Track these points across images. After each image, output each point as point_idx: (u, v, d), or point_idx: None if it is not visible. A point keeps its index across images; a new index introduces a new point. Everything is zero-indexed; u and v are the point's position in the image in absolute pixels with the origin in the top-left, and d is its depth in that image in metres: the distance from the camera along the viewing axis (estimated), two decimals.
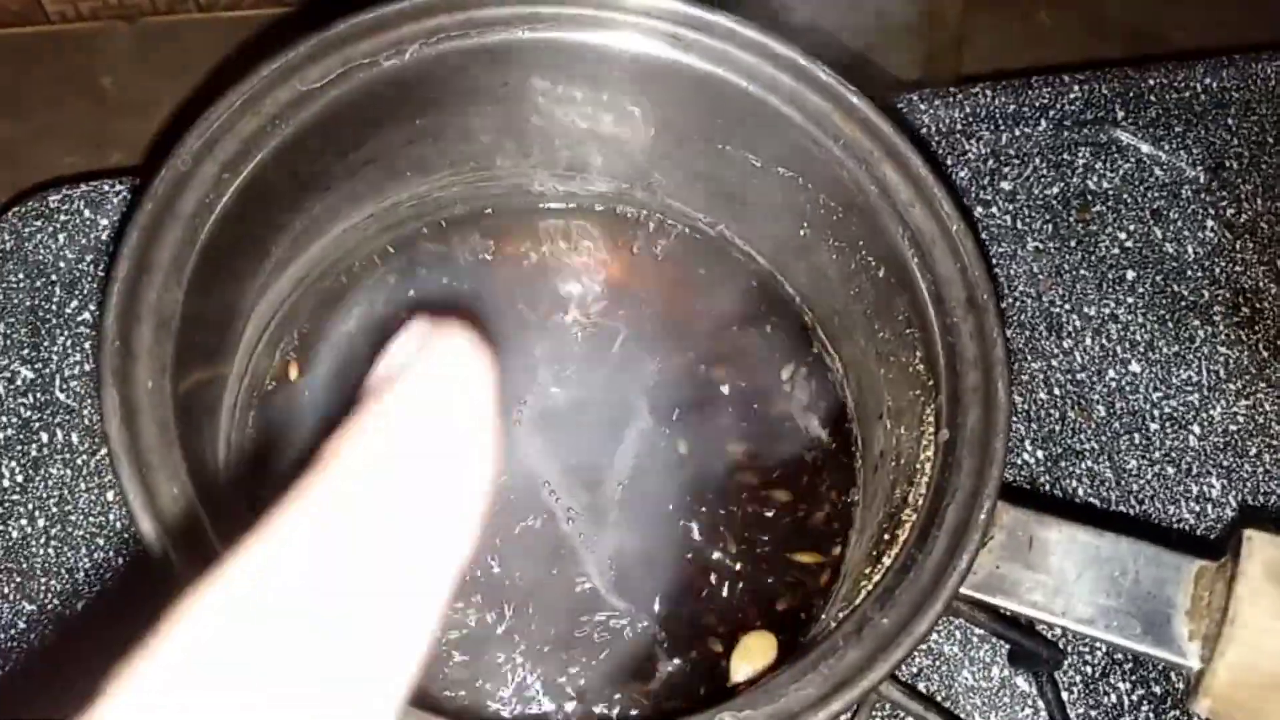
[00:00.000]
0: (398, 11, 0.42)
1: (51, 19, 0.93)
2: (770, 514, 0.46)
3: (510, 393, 0.47)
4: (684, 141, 0.48)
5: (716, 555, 0.46)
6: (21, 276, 0.57)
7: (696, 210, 0.51)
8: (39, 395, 0.54)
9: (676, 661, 0.44)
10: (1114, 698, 0.51)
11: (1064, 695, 0.50)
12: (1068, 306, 0.60)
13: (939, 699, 0.50)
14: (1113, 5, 1.01)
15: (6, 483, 0.52)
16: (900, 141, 0.42)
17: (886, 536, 0.39)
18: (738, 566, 0.46)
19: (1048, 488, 0.55)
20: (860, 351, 0.46)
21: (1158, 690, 0.51)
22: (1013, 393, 0.38)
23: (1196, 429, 0.58)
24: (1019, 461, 0.56)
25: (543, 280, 0.51)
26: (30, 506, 0.51)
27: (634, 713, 0.42)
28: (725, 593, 0.45)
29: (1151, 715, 0.51)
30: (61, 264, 0.57)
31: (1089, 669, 0.51)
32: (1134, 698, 0.51)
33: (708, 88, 0.44)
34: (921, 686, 0.50)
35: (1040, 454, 0.56)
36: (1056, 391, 0.58)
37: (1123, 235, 0.63)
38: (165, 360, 0.35)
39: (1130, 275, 0.62)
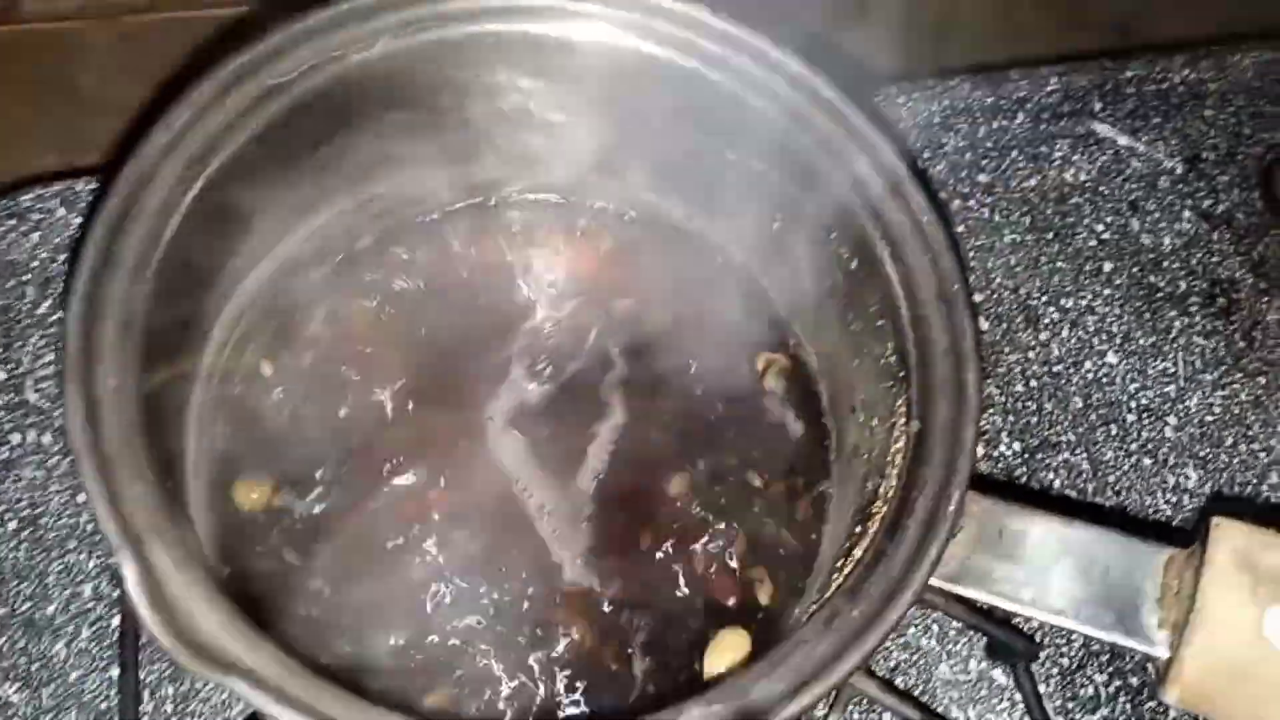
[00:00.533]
0: (367, 5, 0.41)
1: (28, 18, 0.93)
2: (745, 509, 0.46)
3: (483, 390, 0.47)
4: (656, 135, 0.47)
5: (691, 550, 0.45)
6: None
7: (670, 204, 0.51)
8: (10, 396, 0.53)
9: (650, 657, 0.43)
10: (1090, 689, 0.51)
11: (1041, 687, 0.50)
12: (1045, 299, 0.60)
13: (917, 693, 0.50)
14: None
15: None
16: (872, 133, 0.42)
17: (858, 529, 0.39)
18: (712, 562, 0.45)
19: (1025, 480, 0.55)
20: (833, 344, 0.46)
21: (1134, 681, 0.51)
22: (984, 384, 0.38)
23: (1173, 420, 0.58)
24: (996, 454, 0.56)
25: (513, 275, 0.50)
26: (0, 509, 0.51)
27: (606, 709, 0.42)
28: (699, 588, 0.45)
29: (1128, 707, 0.51)
30: (34, 264, 0.57)
31: (1065, 661, 0.51)
32: (1110, 689, 0.51)
33: (679, 80, 0.44)
34: (899, 681, 0.50)
35: (1017, 446, 0.56)
36: (1033, 384, 0.58)
37: (1100, 227, 0.63)
38: (130, 358, 0.35)
39: (1107, 267, 0.62)
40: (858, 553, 0.37)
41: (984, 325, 0.59)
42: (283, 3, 0.43)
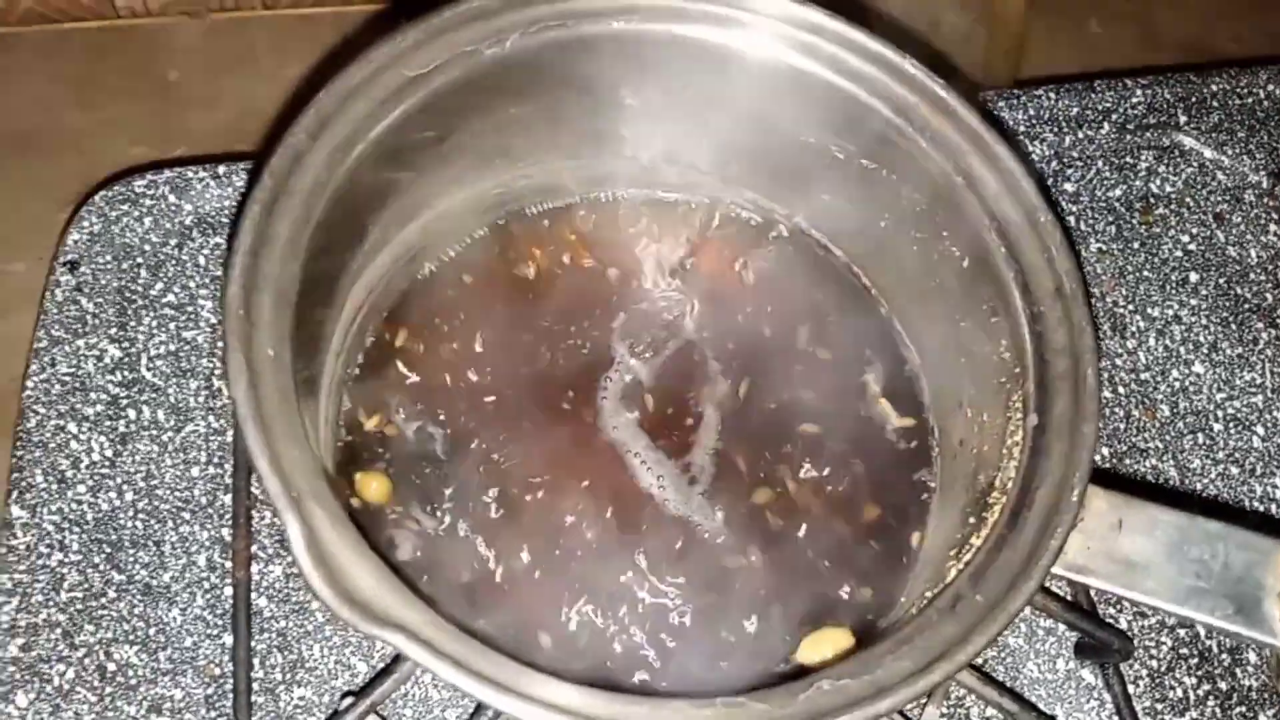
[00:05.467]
0: (499, 2, 0.43)
1: (121, 14, 0.96)
2: (847, 503, 0.47)
3: (595, 372, 0.48)
4: (766, 133, 0.49)
5: (794, 539, 0.46)
6: (109, 258, 0.58)
7: (774, 202, 0.52)
8: (126, 373, 0.55)
9: (748, 635, 0.44)
10: (1180, 692, 0.51)
11: (1130, 689, 0.50)
12: (1131, 307, 0.61)
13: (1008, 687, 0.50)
14: (1163, 15, 1.02)
15: (96, 456, 0.53)
16: (987, 133, 0.43)
17: (972, 520, 0.40)
18: (812, 552, 0.46)
19: (1127, 479, 0.56)
20: (939, 341, 0.47)
21: (1224, 685, 0.51)
22: (1101, 379, 0.38)
23: (1260, 430, 0.58)
24: None
25: (624, 267, 0.52)
26: (119, 480, 0.53)
27: (709, 678, 0.43)
28: (799, 574, 0.46)
29: (1218, 710, 0.51)
30: (147, 247, 0.59)
31: (1155, 663, 0.52)
32: (1200, 692, 0.51)
33: (794, 79, 0.46)
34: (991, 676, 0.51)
35: (1105, 451, 0.56)
36: (1121, 391, 0.58)
37: (1185, 238, 0.64)
38: (284, 330, 0.36)
39: (1193, 277, 0.62)
40: (976, 541, 0.38)
41: None
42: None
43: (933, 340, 0.48)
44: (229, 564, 0.51)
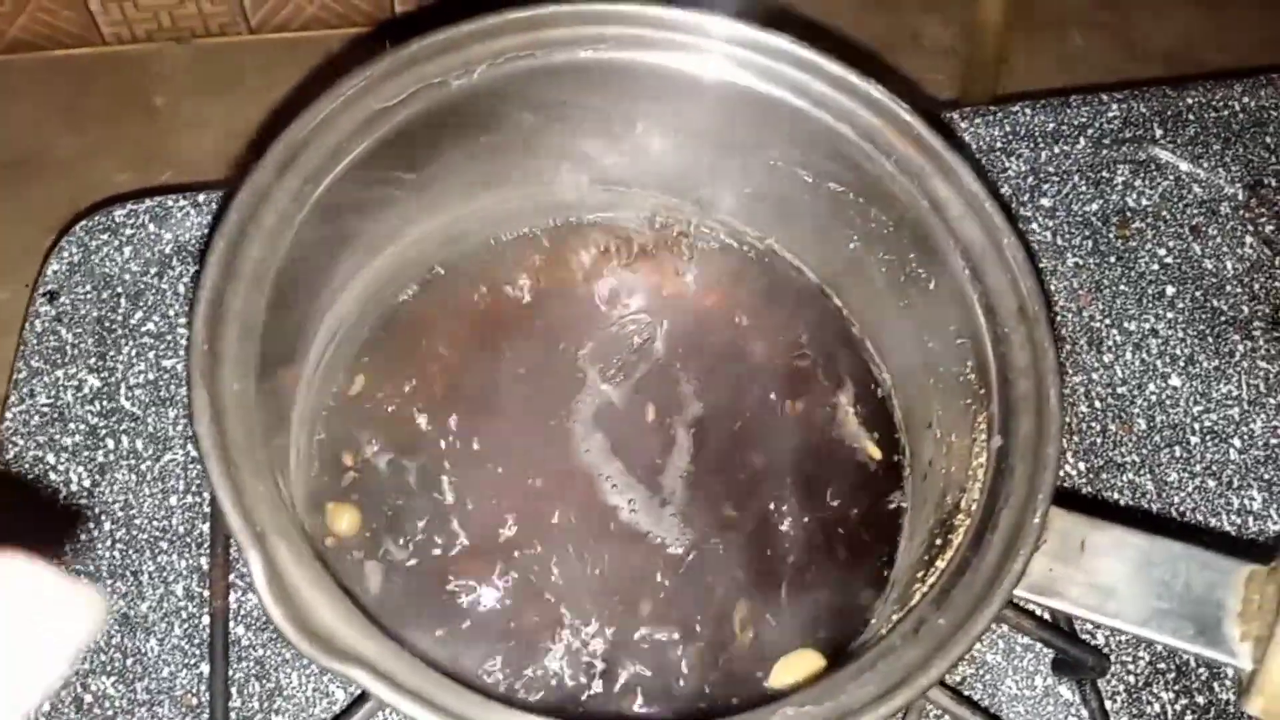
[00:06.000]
0: (467, 32, 0.43)
1: (108, 40, 0.97)
2: (819, 524, 0.47)
3: (565, 397, 0.49)
4: (736, 158, 0.49)
5: (766, 562, 0.47)
6: (89, 288, 0.59)
7: (745, 225, 0.52)
8: (105, 403, 0.56)
9: (720, 661, 0.44)
10: (1157, 707, 0.51)
11: (1107, 704, 0.50)
12: (1108, 321, 0.61)
13: (983, 707, 0.50)
14: (1145, 28, 1.03)
15: (75, 487, 0.53)
16: (951, 157, 0.43)
17: (939, 542, 0.40)
18: (785, 575, 0.47)
19: (1090, 499, 0.56)
20: (909, 362, 0.47)
21: (1201, 700, 0.52)
22: (1065, 400, 0.39)
23: (1237, 442, 0.58)
24: (1061, 473, 0.56)
25: (595, 293, 0.52)
26: (97, 510, 0.53)
27: (676, 706, 0.43)
28: (772, 597, 0.46)
29: None
30: (127, 276, 0.59)
31: (1132, 678, 0.52)
32: (1177, 707, 0.52)
33: (761, 105, 0.46)
34: (965, 695, 0.51)
35: (1082, 466, 0.57)
36: (1097, 405, 0.59)
37: (1162, 251, 0.64)
38: (249, 364, 0.37)
39: (1170, 291, 0.62)
40: (941, 563, 0.38)
41: None
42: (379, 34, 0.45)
43: (903, 361, 0.48)
44: (207, 593, 0.51)
